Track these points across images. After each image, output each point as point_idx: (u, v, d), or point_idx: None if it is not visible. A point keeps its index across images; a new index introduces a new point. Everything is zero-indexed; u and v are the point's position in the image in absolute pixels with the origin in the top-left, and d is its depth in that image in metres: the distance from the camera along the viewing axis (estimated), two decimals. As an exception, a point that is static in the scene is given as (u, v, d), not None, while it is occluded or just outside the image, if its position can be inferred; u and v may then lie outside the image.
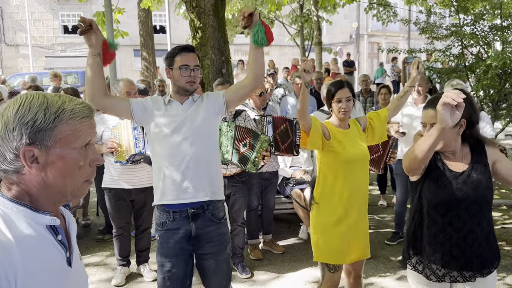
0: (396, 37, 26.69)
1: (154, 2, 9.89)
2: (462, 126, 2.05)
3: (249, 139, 3.59)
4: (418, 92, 4.49)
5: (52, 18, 23.10)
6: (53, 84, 8.68)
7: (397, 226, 4.76)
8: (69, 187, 1.14)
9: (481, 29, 6.02)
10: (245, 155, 3.59)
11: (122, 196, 3.80)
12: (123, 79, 3.88)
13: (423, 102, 4.52)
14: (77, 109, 1.11)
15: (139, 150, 3.46)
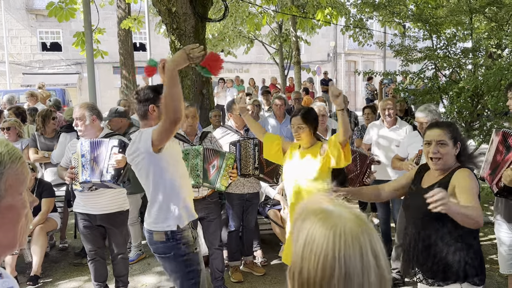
0: (372, 56, 27.31)
1: (134, 23, 9.92)
2: (458, 148, 2.33)
3: (216, 161, 3.68)
4: (389, 115, 4.64)
5: (30, 35, 22.82)
6: (29, 103, 8.52)
7: (384, 242, 4.83)
8: (18, 238, 1.02)
9: (453, 52, 6.24)
10: (214, 176, 3.67)
11: (88, 221, 3.72)
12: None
13: (393, 125, 4.68)
14: (13, 151, 1.01)
15: (85, 178, 3.38)
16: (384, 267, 0.93)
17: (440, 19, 6.38)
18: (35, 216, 4.65)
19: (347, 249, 0.88)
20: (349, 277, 0.87)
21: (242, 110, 3.55)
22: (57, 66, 22.94)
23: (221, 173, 3.67)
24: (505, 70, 4.99)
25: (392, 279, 4.10)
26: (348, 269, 0.87)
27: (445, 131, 2.31)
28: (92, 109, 3.59)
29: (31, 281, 4.28)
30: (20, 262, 4.60)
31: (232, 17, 12.12)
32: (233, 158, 3.75)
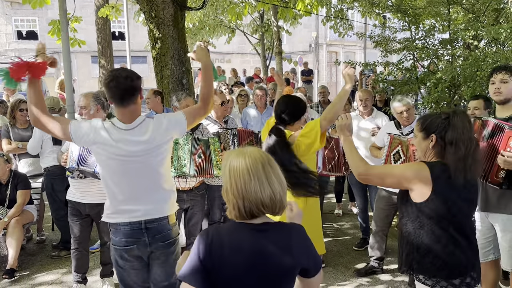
0: (353, 47, 27.44)
1: (112, 11, 9.72)
2: (432, 140, 2.17)
3: (201, 149, 3.65)
4: (365, 106, 4.69)
5: (5, 23, 22.20)
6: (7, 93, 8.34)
7: (363, 232, 4.94)
8: None
9: (431, 43, 6.32)
10: (203, 167, 3.64)
11: (77, 209, 3.77)
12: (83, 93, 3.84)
13: (369, 115, 4.73)
14: None
15: (71, 165, 3.44)
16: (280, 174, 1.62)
17: (419, 10, 6.44)
18: (10, 209, 4.56)
19: (254, 164, 1.57)
20: (260, 180, 1.56)
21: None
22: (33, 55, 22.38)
23: (213, 160, 3.67)
24: (481, 61, 5.08)
25: (370, 267, 4.20)
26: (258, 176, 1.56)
27: (417, 123, 2.29)
28: (97, 98, 3.61)
29: (7, 274, 4.20)
30: (-4, 255, 4.52)
31: (213, 6, 11.98)
32: (217, 141, 3.77)
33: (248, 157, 1.58)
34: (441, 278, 2.13)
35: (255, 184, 1.55)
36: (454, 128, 2.12)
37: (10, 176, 4.66)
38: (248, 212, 1.57)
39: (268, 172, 1.58)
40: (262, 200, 1.55)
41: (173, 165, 3.57)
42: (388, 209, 4.14)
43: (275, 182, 1.58)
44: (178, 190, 3.72)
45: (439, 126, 2.16)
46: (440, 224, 2.13)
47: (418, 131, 2.26)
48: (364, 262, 4.45)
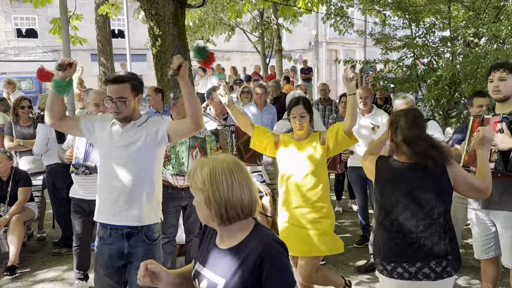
0: (353, 45, 27.44)
1: (112, 8, 9.71)
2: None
3: (198, 146, 3.66)
4: (365, 104, 4.68)
5: (5, 21, 22.16)
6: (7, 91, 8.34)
7: (364, 229, 4.94)
8: None
9: (431, 41, 6.32)
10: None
11: (80, 206, 3.80)
12: (94, 90, 3.92)
13: (369, 113, 4.72)
14: None
15: (77, 160, 3.47)
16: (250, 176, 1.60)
17: (419, 8, 6.44)
18: (11, 206, 4.57)
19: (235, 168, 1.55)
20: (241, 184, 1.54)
21: (229, 105, 3.32)
22: (33, 53, 22.38)
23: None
24: (482, 59, 5.08)
25: (371, 264, 4.20)
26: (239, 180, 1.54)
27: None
28: None
29: (8, 271, 4.21)
30: (-3, 252, 4.53)
31: (213, 3, 11.98)
32: (214, 140, 3.77)
33: (226, 162, 1.55)
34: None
35: (236, 188, 1.53)
36: (397, 129, 2.47)
37: (11, 173, 4.67)
38: (230, 218, 1.54)
39: (246, 175, 1.57)
40: (242, 203, 1.54)
41: (170, 163, 3.57)
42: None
43: (252, 185, 1.58)
44: (176, 188, 3.77)
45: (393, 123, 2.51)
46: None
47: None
48: (365, 259, 4.47)
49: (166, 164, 3.58)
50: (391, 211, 2.39)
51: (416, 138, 2.37)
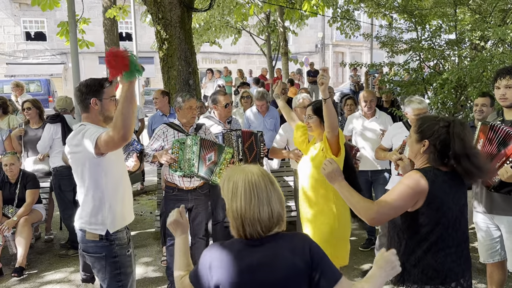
0: (359, 47, 27.42)
1: (119, 12, 9.79)
2: (424, 146, 2.12)
3: (214, 153, 3.68)
4: (370, 107, 4.67)
5: (14, 25, 22.41)
6: (15, 93, 8.46)
7: (369, 233, 4.94)
8: None
9: (437, 44, 6.31)
10: (210, 168, 3.68)
11: None
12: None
13: (373, 116, 4.72)
14: None
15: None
16: (279, 191, 1.63)
17: (425, 11, 6.43)
18: (19, 208, 4.62)
19: (256, 183, 1.57)
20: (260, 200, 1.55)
21: (276, 96, 3.79)
22: (41, 56, 22.60)
23: (218, 167, 3.69)
24: (488, 62, 5.06)
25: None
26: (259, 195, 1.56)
27: (415, 123, 2.22)
28: None
29: (16, 272, 4.26)
30: (5, 253, 4.58)
31: (219, 7, 12.03)
32: (231, 153, 3.76)
33: (251, 176, 1.58)
34: (434, 285, 2.09)
35: (254, 204, 1.55)
36: (454, 140, 2.05)
37: (19, 175, 4.73)
38: (246, 233, 1.58)
39: (269, 190, 1.58)
40: (260, 219, 1.55)
41: (178, 164, 3.60)
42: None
43: (275, 201, 1.58)
44: (182, 189, 3.79)
45: (435, 133, 2.09)
46: (432, 232, 2.08)
47: (413, 132, 2.19)
48: (370, 263, 4.46)
49: (174, 165, 3.61)
50: (453, 226, 2.11)
51: (475, 153, 2.10)
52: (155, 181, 5.97)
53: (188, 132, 3.86)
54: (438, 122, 2.12)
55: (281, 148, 4.33)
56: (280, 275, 1.55)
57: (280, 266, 1.56)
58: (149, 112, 13.04)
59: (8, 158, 4.65)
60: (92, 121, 2.53)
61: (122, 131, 2.21)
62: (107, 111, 2.55)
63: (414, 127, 2.20)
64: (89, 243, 2.55)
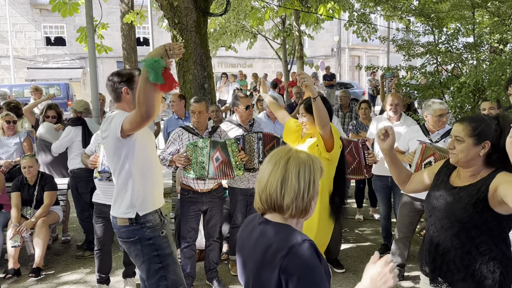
0: (376, 51, 27.22)
1: (137, 17, 9.93)
2: (485, 148, 2.07)
3: (219, 151, 3.71)
4: (395, 111, 4.62)
5: (35, 30, 22.90)
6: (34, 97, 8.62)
7: (385, 238, 4.88)
8: None
9: (455, 47, 6.22)
10: (222, 169, 3.70)
11: (103, 211, 3.85)
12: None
13: (398, 120, 4.66)
14: None
15: (102, 168, 3.51)
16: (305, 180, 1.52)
17: (443, 14, 6.35)
18: (37, 209, 4.70)
19: (282, 158, 1.53)
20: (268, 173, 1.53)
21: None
22: (61, 60, 23.02)
23: (232, 161, 3.72)
24: (507, 65, 4.97)
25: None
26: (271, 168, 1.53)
27: (465, 127, 2.11)
28: None
29: (33, 273, 4.33)
30: (23, 254, 4.66)
31: (235, 11, 12.10)
32: (234, 142, 3.79)
33: (298, 152, 1.56)
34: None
35: (271, 177, 1.51)
36: (505, 135, 1.98)
37: (38, 177, 4.81)
38: (262, 202, 1.55)
39: (290, 168, 1.50)
40: (270, 193, 1.51)
41: (192, 167, 3.64)
42: (412, 216, 4.08)
43: (290, 187, 1.49)
44: (197, 192, 3.82)
45: (493, 132, 2.05)
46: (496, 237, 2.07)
47: (467, 136, 2.08)
48: (385, 268, 4.40)
49: (188, 168, 3.65)
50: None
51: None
52: (170, 184, 6.01)
53: (203, 135, 3.89)
54: (489, 120, 2.08)
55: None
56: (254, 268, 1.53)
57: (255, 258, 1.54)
58: (165, 116, 13.16)
59: (26, 160, 4.74)
60: (124, 109, 2.63)
61: (144, 107, 2.27)
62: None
63: (464, 131, 2.10)
64: (121, 228, 2.64)
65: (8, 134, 5.30)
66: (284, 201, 1.49)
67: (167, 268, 2.65)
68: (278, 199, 1.50)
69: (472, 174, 2.15)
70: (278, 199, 1.50)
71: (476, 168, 2.12)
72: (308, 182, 1.50)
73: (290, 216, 1.53)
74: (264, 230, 1.54)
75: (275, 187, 1.50)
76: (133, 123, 2.39)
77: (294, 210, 1.50)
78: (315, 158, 1.56)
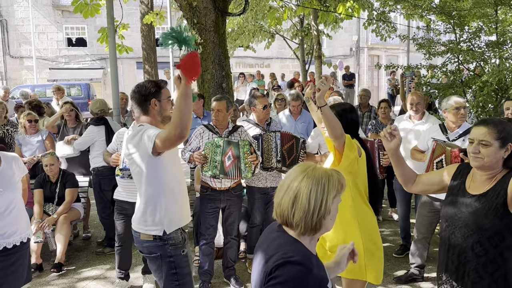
0: (396, 50, 26.89)
1: (156, 17, 10.03)
2: (508, 150, 2.07)
3: (231, 151, 3.71)
4: (416, 111, 4.54)
5: (56, 31, 23.35)
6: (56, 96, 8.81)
7: (404, 239, 4.82)
8: None
9: (477, 46, 6.12)
10: (231, 168, 3.71)
11: (124, 208, 3.91)
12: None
13: (420, 120, 4.58)
14: None
15: (124, 165, 3.55)
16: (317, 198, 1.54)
17: (464, 12, 6.25)
18: (59, 206, 4.80)
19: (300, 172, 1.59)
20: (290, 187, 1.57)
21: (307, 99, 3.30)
22: (82, 61, 23.41)
23: (241, 163, 3.72)
24: (531, 63, 4.87)
25: (411, 274, 4.09)
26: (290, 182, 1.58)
27: (490, 130, 2.08)
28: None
29: (55, 268, 4.42)
30: (45, 250, 4.76)
31: (253, 11, 12.10)
32: (248, 144, 3.77)
33: (316, 168, 1.59)
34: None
35: (284, 189, 1.58)
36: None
37: (59, 175, 4.91)
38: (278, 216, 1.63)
39: (302, 187, 1.54)
40: (282, 207, 1.57)
41: (208, 165, 3.66)
42: (431, 216, 4.02)
43: (300, 205, 1.53)
44: (215, 190, 3.85)
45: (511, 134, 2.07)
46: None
47: (493, 139, 2.07)
48: (404, 269, 4.36)
49: (205, 166, 3.68)
50: None
51: None
52: (188, 183, 6.05)
53: (222, 134, 3.91)
54: (508, 122, 2.11)
55: (313, 152, 4.29)
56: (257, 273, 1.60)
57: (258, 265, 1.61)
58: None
59: (48, 158, 4.84)
60: (150, 123, 2.60)
61: (180, 128, 2.29)
62: (165, 111, 2.64)
63: (491, 134, 2.09)
64: (144, 243, 2.61)
65: (30, 133, 5.42)
66: (294, 219, 1.55)
67: (183, 287, 2.63)
68: (289, 217, 1.56)
69: (490, 177, 2.12)
70: (289, 216, 1.56)
71: (495, 171, 2.11)
72: (320, 201, 1.53)
73: (300, 234, 1.58)
74: (275, 239, 1.60)
75: (287, 204, 1.56)
76: (166, 143, 2.38)
77: (303, 228, 1.55)
78: (334, 174, 1.58)
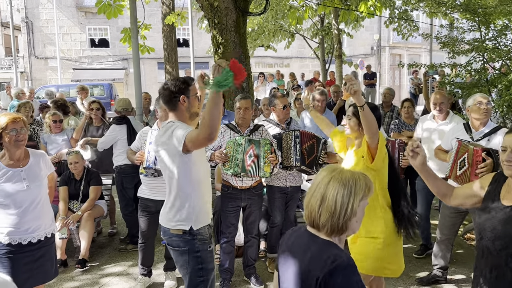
0: (418, 49, 26.49)
1: (177, 18, 10.13)
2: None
3: (252, 149, 3.72)
4: (440, 110, 4.47)
5: (80, 32, 23.81)
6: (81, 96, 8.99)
7: (424, 239, 4.75)
8: None
9: (503, 44, 5.97)
10: (252, 166, 3.72)
11: (147, 206, 3.96)
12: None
13: (444, 119, 4.50)
14: None
15: (148, 164, 3.63)
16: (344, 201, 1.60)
17: (490, 9, 6.11)
18: (83, 203, 4.90)
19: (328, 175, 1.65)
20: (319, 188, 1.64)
21: (306, 106, 3.79)
22: (104, 61, 23.81)
23: (261, 162, 3.73)
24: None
25: (433, 276, 4.03)
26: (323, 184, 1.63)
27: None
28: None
29: (79, 264, 4.52)
30: (69, 246, 4.87)
31: (273, 10, 12.10)
32: (269, 143, 3.78)
33: (344, 170, 1.66)
34: None
35: (311, 191, 1.65)
36: None
37: (84, 173, 5.01)
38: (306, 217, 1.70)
39: (329, 189, 1.61)
40: (311, 210, 1.64)
41: (229, 164, 3.69)
42: (454, 217, 3.96)
43: (328, 205, 1.60)
44: (236, 188, 3.87)
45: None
46: None
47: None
48: (426, 270, 4.30)
49: (226, 164, 3.70)
50: None
51: None
52: (209, 182, 6.10)
53: (244, 133, 3.92)
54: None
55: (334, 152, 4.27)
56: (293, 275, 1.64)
57: (294, 269, 1.65)
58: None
59: (72, 157, 4.95)
60: (179, 118, 2.67)
61: (209, 130, 2.38)
62: (193, 108, 2.70)
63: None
64: (173, 236, 2.67)
65: (55, 132, 5.55)
66: (320, 220, 1.62)
67: (207, 283, 2.68)
68: (316, 218, 1.63)
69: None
70: (316, 217, 1.63)
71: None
72: (346, 204, 1.59)
73: (327, 235, 1.63)
74: (309, 243, 1.65)
75: (314, 206, 1.62)
76: (196, 142, 2.47)
77: (330, 229, 1.61)
78: (361, 177, 1.63)
